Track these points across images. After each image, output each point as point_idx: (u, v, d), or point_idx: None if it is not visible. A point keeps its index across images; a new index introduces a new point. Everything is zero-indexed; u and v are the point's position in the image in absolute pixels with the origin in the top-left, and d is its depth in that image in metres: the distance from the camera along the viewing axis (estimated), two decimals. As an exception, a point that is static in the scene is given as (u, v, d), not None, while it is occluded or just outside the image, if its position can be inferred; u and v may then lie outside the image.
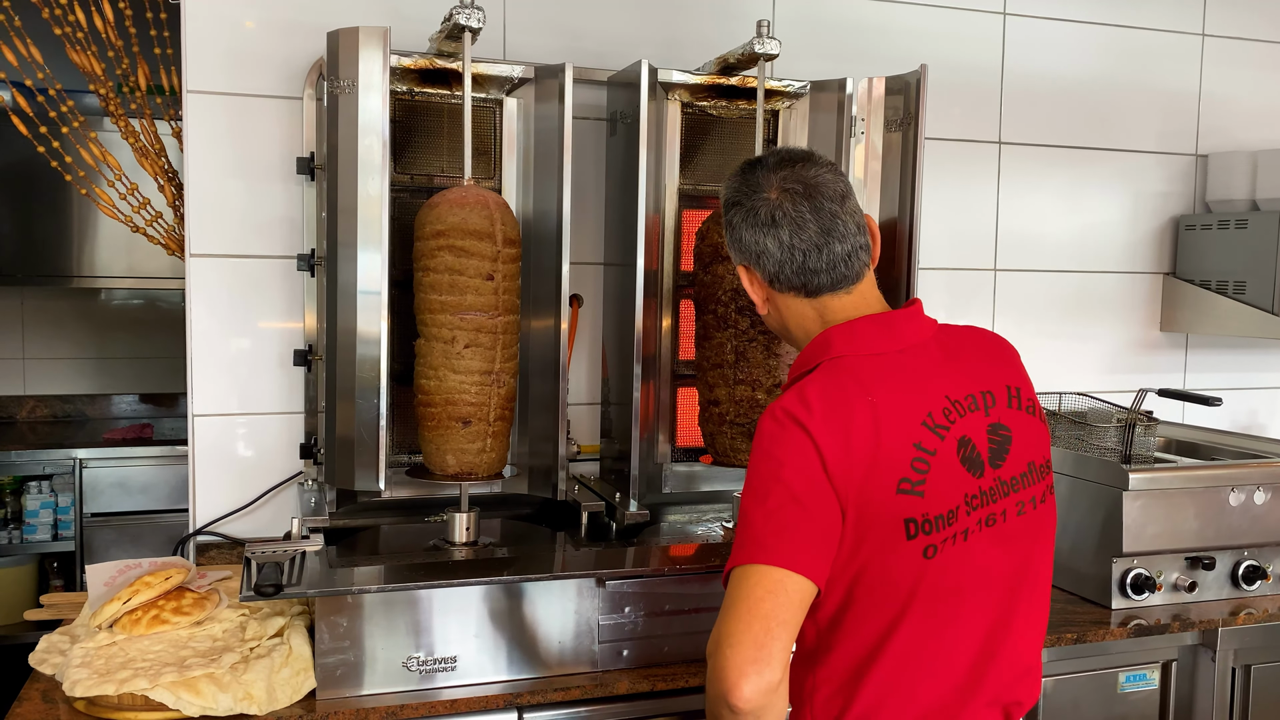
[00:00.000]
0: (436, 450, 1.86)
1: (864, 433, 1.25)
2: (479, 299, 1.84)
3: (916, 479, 1.25)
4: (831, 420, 1.24)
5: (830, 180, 1.37)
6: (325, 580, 1.62)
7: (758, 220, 1.37)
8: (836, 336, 1.34)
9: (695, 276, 2.01)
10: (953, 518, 1.27)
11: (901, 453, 1.25)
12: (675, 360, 2.23)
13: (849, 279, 1.37)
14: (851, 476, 1.23)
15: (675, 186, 2.22)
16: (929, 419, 1.28)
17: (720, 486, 2.30)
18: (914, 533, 1.25)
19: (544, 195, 2.04)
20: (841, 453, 1.23)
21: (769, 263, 1.37)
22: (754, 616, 1.18)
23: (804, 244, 1.35)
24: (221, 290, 2.10)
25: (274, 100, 2.09)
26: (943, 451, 1.27)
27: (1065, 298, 2.79)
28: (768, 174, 1.39)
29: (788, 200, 1.35)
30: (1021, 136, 2.70)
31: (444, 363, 1.83)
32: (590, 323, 2.28)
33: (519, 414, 2.06)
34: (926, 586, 1.27)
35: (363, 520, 2.07)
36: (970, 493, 1.29)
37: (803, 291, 1.37)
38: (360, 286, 1.75)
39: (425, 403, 1.84)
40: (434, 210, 1.82)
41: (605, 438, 2.27)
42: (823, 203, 1.35)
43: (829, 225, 1.35)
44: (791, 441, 1.24)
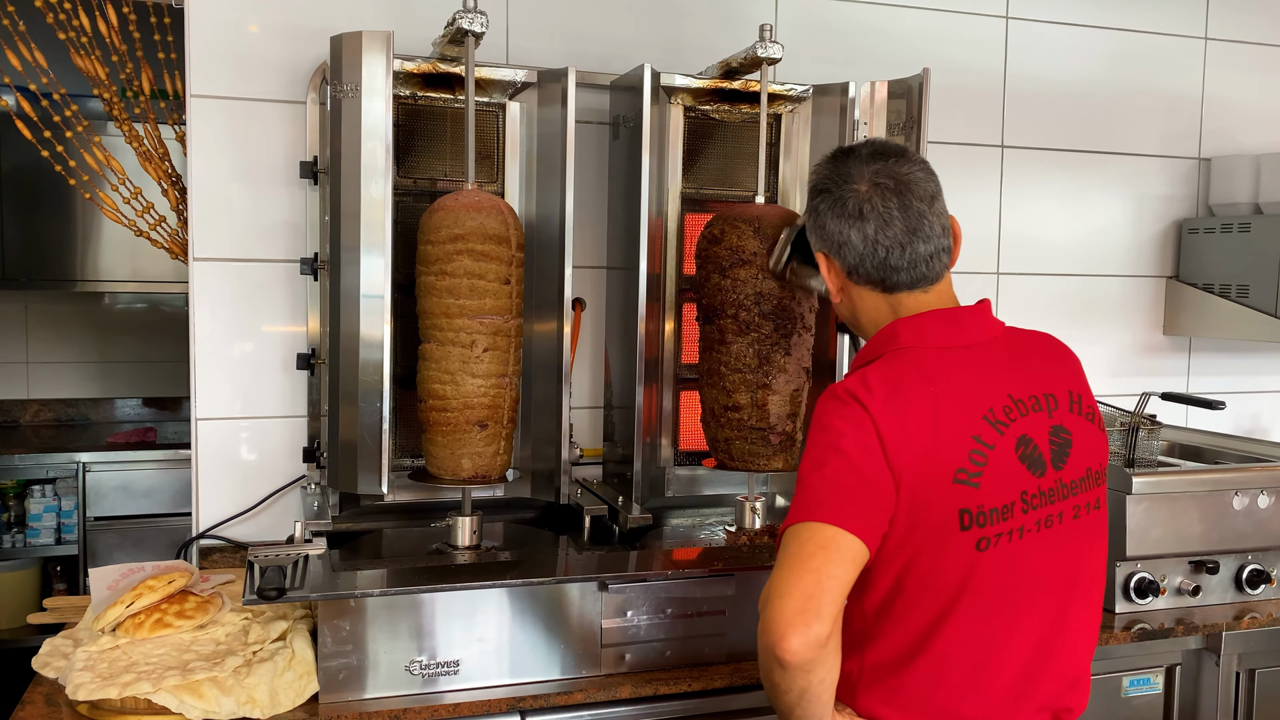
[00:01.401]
0: (450, 455, 1.86)
1: (922, 419, 1.26)
2: (497, 303, 1.85)
3: (973, 470, 1.26)
4: (891, 403, 1.26)
5: (922, 179, 1.37)
6: (328, 584, 1.62)
7: (844, 211, 1.37)
8: (903, 328, 1.35)
9: (704, 280, 2.00)
10: (1008, 513, 1.28)
11: (960, 444, 1.26)
12: (678, 364, 2.23)
13: (928, 279, 1.37)
14: (907, 458, 1.24)
15: (678, 190, 2.23)
16: (990, 414, 1.29)
17: (723, 490, 2.30)
18: (967, 524, 1.25)
19: (547, 199, 2.05)
20: (899, 434, 1.24)
21: (850, 254, 1.37)
22: (805, 570, 1.19)
23: (888, 241, 1.35)
24: (225, 294, 2.10)
25: (277, 104, 2.10)
26: (1001, 447, 1.28)
27: (1068, 301, 2.79)
28: (860, 165, 1.38)
29: (877, 195, 1.35)
30: (1024, 140, 2.70)
31: (462, 367, 1.83)
32: (593, 327, 2.28)
33: (522, 418, 2.06)
34: (978, 581, 1.27)
35: (365, 524, 2.07)
36: (1029, 491, 1.29)
37: (880, 287, 1.38)
38: (363, 290, 1.75)
39: (440, 407, 1.83)
40: (450, 214, 1.82)
41: (608, 441, 2.27)
42: (912, 201, 1.35)
43: (915, 225, 1.35)
44: (851, 416, 1.26)
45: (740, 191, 2.27)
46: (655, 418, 2.19)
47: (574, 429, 2.10)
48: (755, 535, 2.04)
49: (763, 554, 1.85)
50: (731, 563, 1.79)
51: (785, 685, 1.22)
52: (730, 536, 2.07)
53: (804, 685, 1.21)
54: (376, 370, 1.75)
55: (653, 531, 2.09)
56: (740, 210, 2.00)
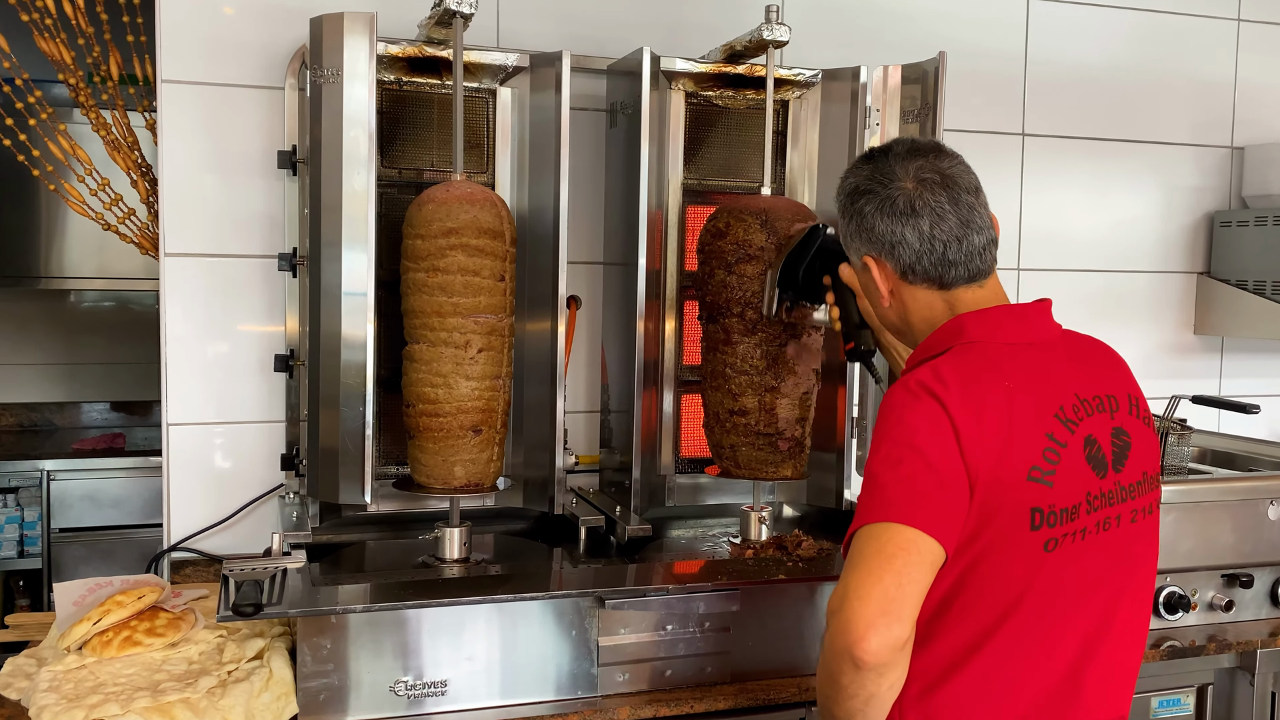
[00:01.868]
0: (441, 462, 1.86)
1: (998, 414, 1.29)
2: (491, 300, 1.84)
3: (1047, 468, 1.29)
4: (967, 396, 1.29)
5: (963, 172, 1.42)
6: (308, 599, 1.62)
7: (895, 210, 1.40)
8: (970, 322, 1.39)
9: (708, 276, 2.00)
10: (1075, 513, 1.32)
11: (1034, 440, 1.30)
12: (679, 366, 2.23)
13: (983, 272, 1.42)
14: (984, 455, 1.27)
15: (679, 181, 2.22)
16: (1061, 412, 1.33)
17: (727, 499, 2.29)
18: (1039, 523, 1.29)
19: (540, 191, 2.04)
20: (975, 429, 1.27)
21: (906, 253, 1.41)
22: (886, 570, 1.21)
23: (944, 235, 1.39)
24: (198, 292, 2.10)
25: (254, 90, 2.09)
26: (1072, 445, 1.32)
27: (1093, 298, 2.78)
28: (901, 163, 1.42)
29: (926, 190, 1.40)
30: (1046, 128, 2.70)
31: (455, 369, 1.83)
32: (588, 326, 2.28)
33: (513, 423, 2.06)
34: (1041, 584, 1.30)
35: (347, 535, 2.07)
36: (1093, 492, 1.33)
37: (937, 284, 1.42)
38: (345, 288, 1.74)
39: (431, 412, 1.83)
40: (442, 207, 1.81)
41: (605, 448, 2.26)
42: (960, 194, 1.40)
43: (967, 217, 1.40)
44: (925, 411, 1.28)
45: (745, 182, 2.27)
46: (655, 423, 2.19)
47: (569, 435, 2.10)
48: (761, 548, 2.03)
49: (770, 567, 1.85)
50: (736, 577, 1.79)
51: (854, 689, 1.24)
52: (735, 549, 2.06)
53: (874, 690, 1.24)
54: (359, 372, 1.75)
55: (652, 543, 2.08)
56: (746, 202, 1.99)
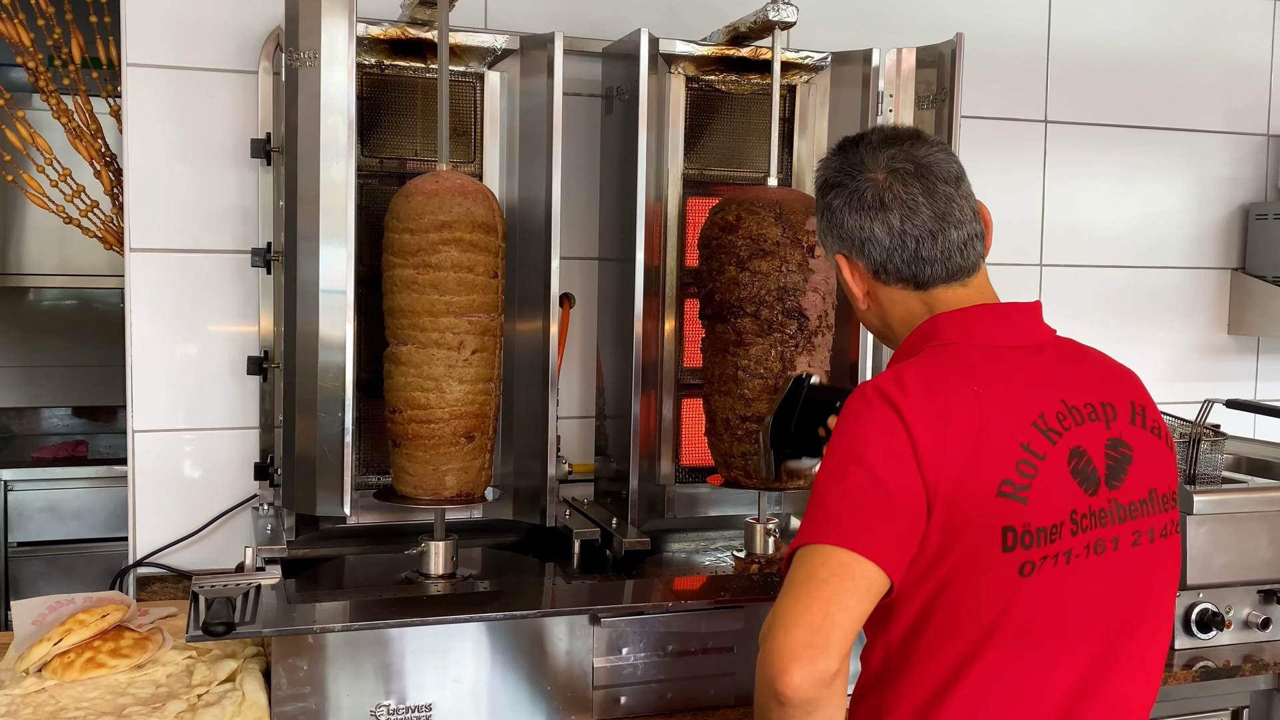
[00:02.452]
0: (433, 471, 1.86)
1: (965, 423, 1.25)
2: (485, 299, 1.84)
3: (1021, 483, 1.25)
4: (929, 404, 1.25)
5: (943, 160, 1.39)
6: (283, 618, 1.62)
7: (863, 203, 1.38)
8: (946, 323, 1.36)
9: (715, 273, 1.99)
10: (1055, 534, 1.27)
11: (1006, 452, 1.26)
12: (679, 368, 2.23)
13: (964, 270, 1.39)
14: (945, 469, 1.23)
15: (679, 171, 2.22)
16: (1040, 420, 1.29)
17: (730, 511, 2.30)
18: (1011, 544, 1.25)
19: (531, 182, 2.04)
20: (936, 441, 1.24)
21: (876, 251, 1.38)
22: (813, 599, 1.19)
23: (916, 230, 1.36)
24: (166, 289, 2.10)
25: (225, 75, 2.10)
26: (1052, 457, 1.28)
27: (1120, 296, 2.79)
28: (872, 152, 1.40)
29: (897, 181, 1.37)
30: (1070, 115, 2.70)
31: (448, 372, 1.83)
32: (583, 326, 2.28)
33: (502, 429, 2.06)
34: (1018, 611, 1.27)
35: (325, 550, 2.07)
36: (1079, 510, 1.29)
37: (912, 284, 1.39)
38: (323, 285, 1.75)
39: (422, 419, 1.83)
40: (434, 199, 1.81)
41: (600, 456, 2.27)
42: (936, 184, 1.37)
43: (944, 209, 1.36)
44: (879, 420, 1.25)
45: (750, 173, 2.27)
46: (654, 429, 2.19)
47: (561, 442, 2.10)
48: (767, 562, 2.04)
49: (776, 583, 1.85)
50: (740, 593, 1.79)
51: None
52: (739, 563, 2.07)
53: None
54: (338, 375, 1.75)
55: (651, 558, 2.09)
56: (757, 194, 2.00)
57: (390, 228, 1.86)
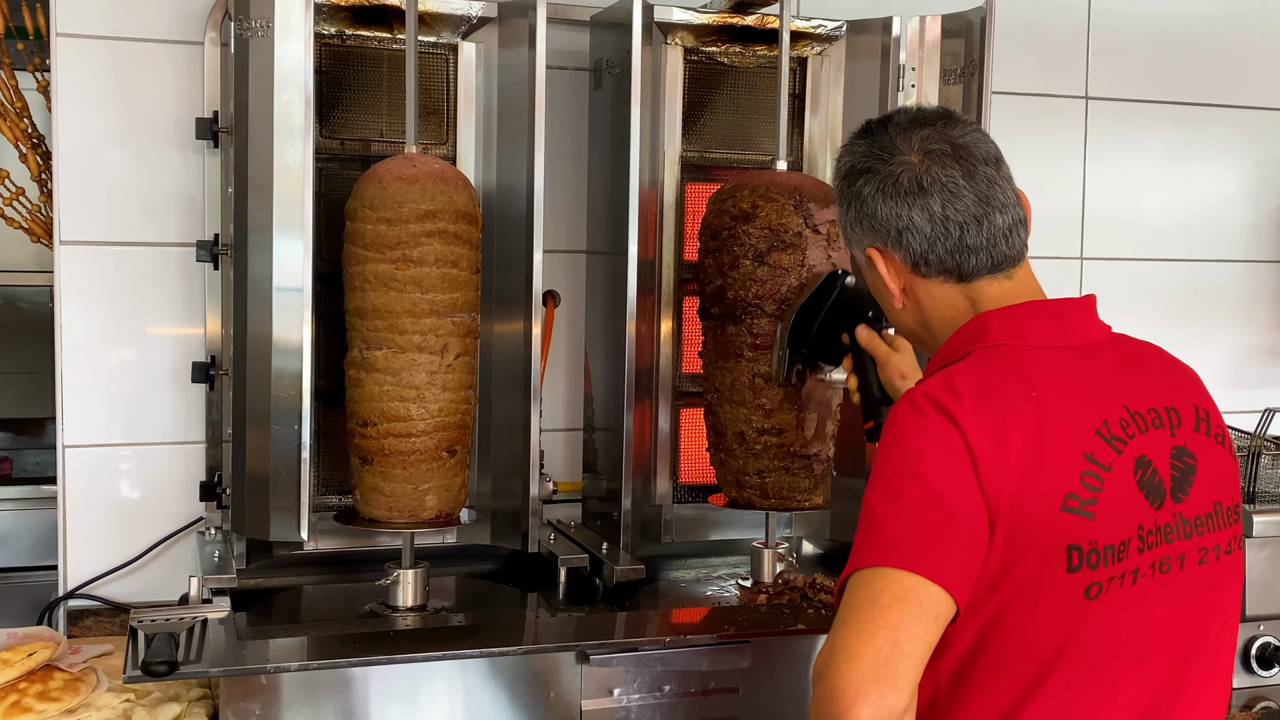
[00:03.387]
0: (413, 491, 1.86)
1: (1024, 432, 1.27)
2: (468, 297, 1.84)
3: (1086, 496, 1.27)
4: (985, 412, 1.27)
5: (980, 140, 1.41)
6: (232, 656, 1.61)
7: (898, 189, 1.39)
8: (994, 321, 1.38)
9: (727, 268, 1.98)
10: (1123, 552, 1.29)
11: (1070, 463, 1.27)
12: (677, 375, 2.23)
13: (1010, 260, 1.40)
14: (1006, 482, 1.25)
15: (677, 154, 2.22)
16: (1104, 428, 1.30)
17: (735, 534, 2.30)
18: (1077, 564, 1.26)
19: (510, 166, 2.05)
20: (996, 451, 1.25)
21: (915, 241, 1.40)
22: (878, 627, 1.20)
23: (960, 215, 1.38)
24: (100, 287, 2.10)
25: (167, 46, 2.09)
26: (1118, 469, 1.29)
27: (1170, 293, 2.79)
28: (903, 134, 1.41)
29: (935, 164, 1.38)
30: (1114, 90, 2.71)
31: (431, 379, 1.83)
32: (569, 327, 2.28)
33: (479, 443, 2.06)
34: (1082, 638, 1.28)
35: (280, 579, 2.07)
36: (1146, 526, 1.30)
37: (955, 275, 1.40)
38: (277, 282, 1.75)
39: (402, 432, 1.83)
40: (415, 186, 1.81)
41: (589, 473, 2.27)
42: (976, 166, 1.39)
43: (986, 192, 1.38)
44: (934, 431, 1.26)
45: (756, 155, 2.27)
46: (649, 443, 2.19)
47: (545, 457, 2.10)
48: (776, 591, 2.04)
49: (787, 616, 1.85)
50: (746, 627, 1.79)
51: None
52: (745, 593, 2.06)
53: None
54: (294, 383, 1.75)
55: (646, 587, 2.09)
56: (772, 179, 1.99)
57: (359, 217, 1.85)
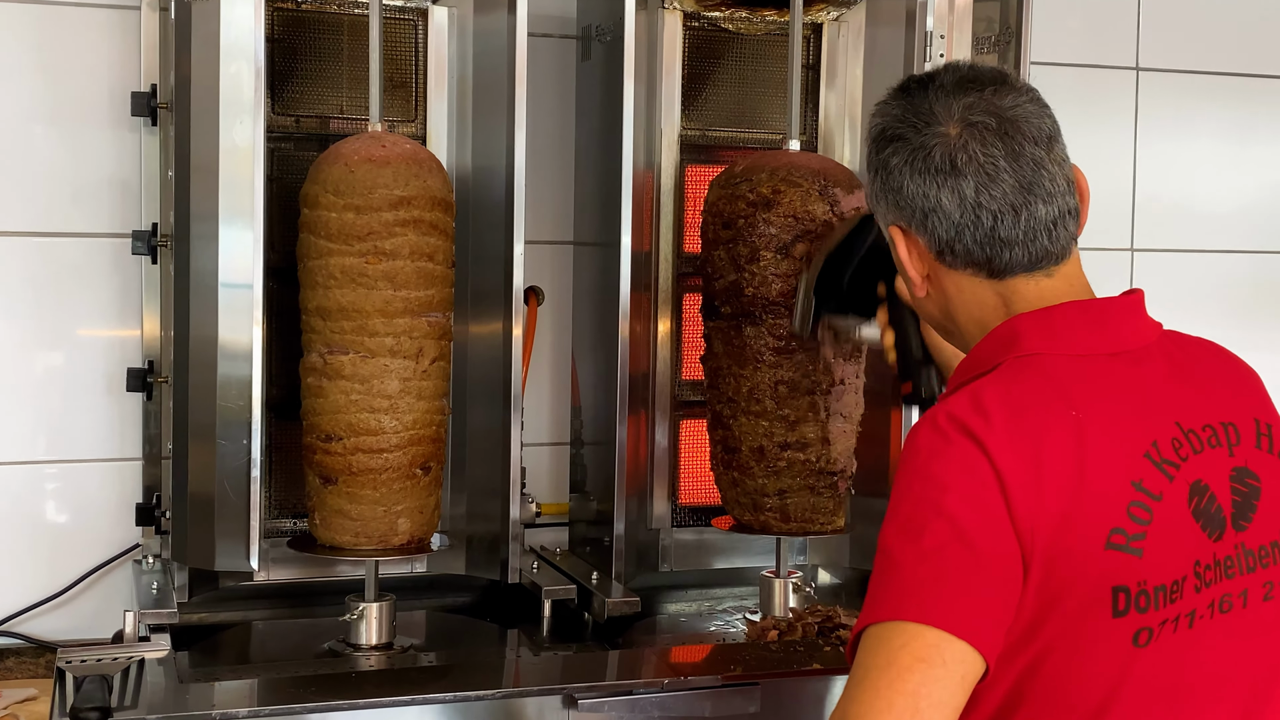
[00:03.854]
0: (385, 514, 1.86)
1: (1063, 458, 1.25)
2: (444, 294, 1.86)
3: (1134, 531, 1.25)
4: (1018, 436, 1.25)
5: (1033, 113, 1.37)
6: (174, 700, 1.60)
7: (929, 165, 1.37)
8: (1028, 327, 1.35)
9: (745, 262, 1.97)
10: (1176, 592, 1.27)
11: (1115, 493, 1.26)
12: (676, 382, 2.23)
13: (1052, 256, 1.38)
14: (1043, 517, 1.23)
15: (676, 133, 2.22)
16: (1154, 450, 1.29)
17: (742, 562, 2.29)
18: (1124, 607, 1.25)
19: (487, 147, 2.04)
20: (1031, 482, 1.23)
21: (941, 226, 1.37)
22: (896, 692, 1.18)
23: (995, 203, 1.35)
24: (22, 283, 2.09)
25: (100, 11, 2.09)
26: (1170, 497, 1.28)
27: (1234, 289, 2.79)
28: (944, 98, 1.38)
29: (974, 139, 1.35)
30: (1168, 60, 2.71)
31: (405, 387, 1.83)
32: (553, 329, 2.28)
33: (452, 460, 2.05)
34: (1131, 689, 1.26)
35: (227, 614, 2.07)
36: (1203, 560, 1.29)
37: (985, 270, 1.38)
38: (223, 277, 1.75)
39: (373, 448, 1.84)
40: (386, 169, 1.81)
41: (577, 493, 2.26)
42: (1023, 145, 1.35)
43: (1031, 178, 1.35)
44: (960, 459, 1.25)
45: (764, 133, 2.27)
46: (644, 459, 2.19)
47: (527, 475, 2.09)
48: (789, 627, 2.02)
49: (800, 655, 1.84)
50: (755, 667, 1.77)
51: None
52: (753, 629, 2.06)
53: None
54: (243, 392, 1.75)
55: (641, 622, 2.09)
56: (792, 160, 1.98)
57: (321, 204, 1.84)
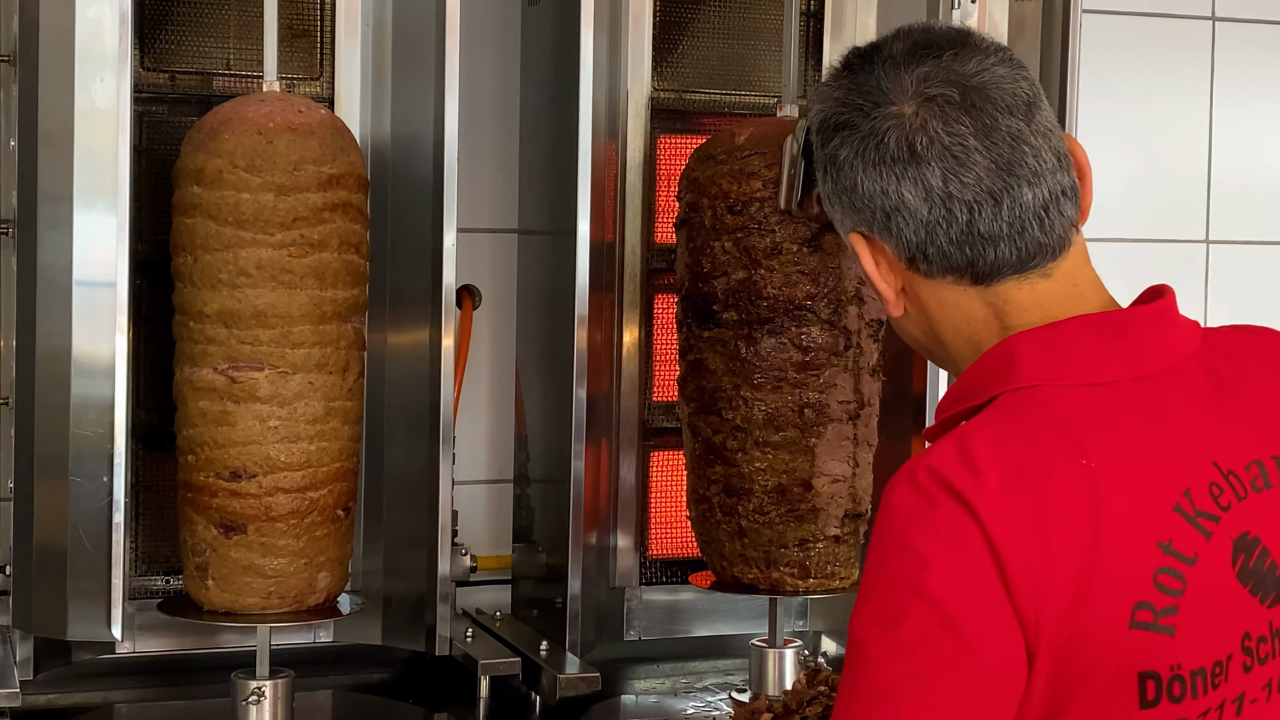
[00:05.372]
0: (305, 566, 1.86)
1: (1073, 519, 1.25)
2: (364, 295, 1.88)
3: (1164, 604, 1.25)
4: (1017, 494, 1.25)
5: (1005, 78, 1.38)
6: (14, 807, 1.61)
7: (883, 153, 1.38)
8: (1027, 350, 1.36)
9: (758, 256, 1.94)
10: (1219, 675, 1.28)
11: (1138, 559, 1.26)
12: (646, 403, 2.24)
13: (1047, 250, 1.38)
14: (1049, 595, 1.23)
15: (645, 94, 2.22)
16: (1187, 502, 1.29)
17: (727, 629, 2.30)
18: (1154, 697, 1.25)
19: (410, 112, 2.06)
20: (1034, 552, 1.23)
21: (909, 227, 1.38)
22: None
23: (969, 191, 1.36)
24: None
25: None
26: (1208, 559, 1.28)
27: (1330, 289, 2.82)
28: (895, 72, 1.39)
29: (935, 117, 1.36)
30: (1251, 8, 2.73)
31: (331, 409, 1.85)
32: (493, 337, 2.30)
33: (364, 501, 2.06)
34: None
35: (83, 694, 2.07)
36: (1254, 632, 1.30)
37: (968, 275, 1.39)
38: (79, 274, 1.75)
39: (293, 486, 1.84)
40: (310, 139, 1.82)
41: (521, 543, 2.27)
42: (996, 118, 1.36)
43: (1010, 157, 1.36)
44: (945, 527, 1.24)
45: (754, 95, 2.29)
46: (606, 501, 2.19)
47: (460, 520, 2.10)
48: (785, 709, 2.00)
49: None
50: (744, 760, 1.79)
51: None
52: (741, 711, 2.02)
53: None
54: (103, 417, 1.75)
55: (602, 704, 2.10)
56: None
57: (226, 181, 1.81)
